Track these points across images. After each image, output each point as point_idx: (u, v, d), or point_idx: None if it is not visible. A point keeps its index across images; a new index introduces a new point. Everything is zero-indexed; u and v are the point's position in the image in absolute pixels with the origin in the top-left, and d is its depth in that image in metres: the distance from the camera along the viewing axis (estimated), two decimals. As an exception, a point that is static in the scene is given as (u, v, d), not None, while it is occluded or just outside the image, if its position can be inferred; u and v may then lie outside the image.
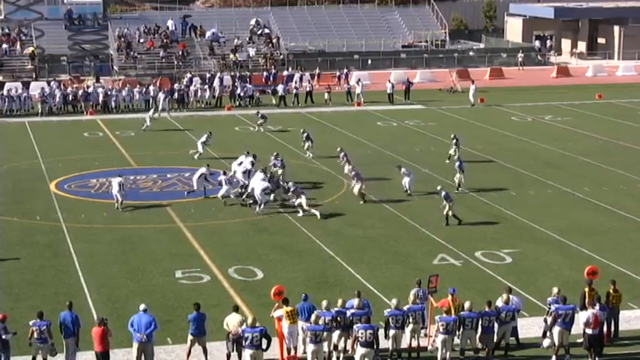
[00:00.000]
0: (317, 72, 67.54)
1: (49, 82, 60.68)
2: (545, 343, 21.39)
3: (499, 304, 21.27)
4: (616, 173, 39.34)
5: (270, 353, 20.56)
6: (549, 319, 21.17)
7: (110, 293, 25.12)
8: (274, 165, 36.83)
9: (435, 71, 72.95)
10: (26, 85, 61.73)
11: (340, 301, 21.23)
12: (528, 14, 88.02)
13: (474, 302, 21.42)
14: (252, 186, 33.87)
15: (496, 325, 21.03)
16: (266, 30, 75.92)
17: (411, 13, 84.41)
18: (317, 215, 32.31)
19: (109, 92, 56.69)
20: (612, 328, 22.17)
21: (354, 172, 35.22)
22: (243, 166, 35.84)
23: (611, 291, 22.06)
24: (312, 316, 20.33)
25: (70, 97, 56.15)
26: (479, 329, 20.94)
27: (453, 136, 41.55)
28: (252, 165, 36.02)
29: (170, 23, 75.23)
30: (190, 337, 20.78)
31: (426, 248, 29.16)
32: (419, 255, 28.51)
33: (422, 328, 21.54)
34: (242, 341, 19.97)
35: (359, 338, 20.06)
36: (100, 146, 45.63)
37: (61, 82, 61.15)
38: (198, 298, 23.31)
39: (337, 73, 66.51)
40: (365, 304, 21.08)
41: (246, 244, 29.70)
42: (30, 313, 21.84)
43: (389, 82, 60.33)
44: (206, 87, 59.32)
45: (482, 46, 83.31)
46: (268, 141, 45.66)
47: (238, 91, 58.87)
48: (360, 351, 20.04)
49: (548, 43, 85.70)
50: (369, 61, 75.01)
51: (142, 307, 20.50)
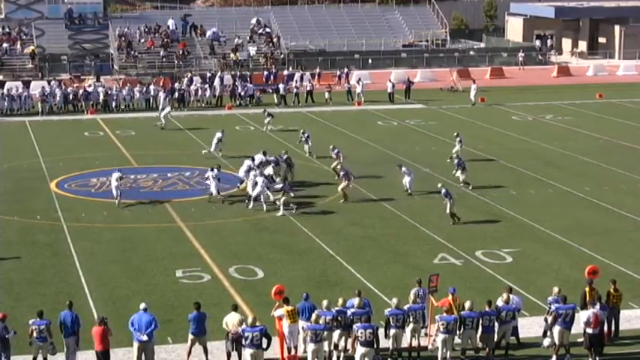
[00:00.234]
0: (317, 71, 67.50)
1: (49, 82, 60.65)
2: (546, 342, 21.39)
3: (499, 303, 21.26)
4: (617, 173, 39.33)
5: (271, 352, 20.57)
6: (550, 319, 21.16)
7: (110, 292, 25.11)
8: (277, 161, 36.83)
9: (436, 71, 72.93)
10: (27, 84, 61.68)
11: (341, 301, 21.22)
12: (529, 14, 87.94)
13: (475, 302, 21.41)
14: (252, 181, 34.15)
15: (496, 324, 21.02)
16: (266, 29, 75.81)
17: (411, 12, 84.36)
18: (292, 211, 32.65)
19: (110, 91, 56.72)
20: (613, 328, 22.17)
21: (343, 172, 35.28)
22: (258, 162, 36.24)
23: (611, 290, 22.06)
24: (313, 316, 20.33)
25: (70, 97, 56.16)
26: (479, 329, 20.94)
27: (456, 134, 41.58)
28: (253, 161, 36.14)
29: (170, 22, 75.14)
30: (191, 337, 20.78)
31: (426, 247, 29.14)
32: (419, 254, 28.50)
33: (422, 327, 21.53)
34: (242, 340, 19.98)
35: (358, 337, 20.07)
36: (100, 145, 45.62)
37: (61, 81, 61.11)
38: (198, 297, 23.29)
39: (338, 73, 66.46)
40: (365, 304, 21.08)
41: (246, 243, 29.70)
42: (30, 312, 21.82)
43: (389, 81, 60.23)
44: (206, 86, 59.31)
45: (482, 45, 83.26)
46: (269, 140, 45.60)
47: (239, 90, 58.86)
48: (360, 350, 20.04)
49: (549, 42, 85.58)
50: (370, 61, 74.94)
51: (142, 306, 20.50)
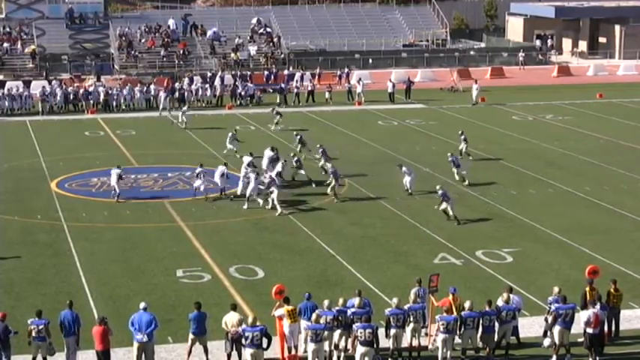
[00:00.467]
0: (318, 71, 67.45)
1: (50, 81, 60.67)
2: (546, 342, 21.38)
3: (500, 303, 21.25)
4: (617, 172, 39.32)
5: (271, 352, 20.56)
6: (550, 319, 21.16)
7: (111, 292, 25.11)
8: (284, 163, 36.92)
9: (436, 70, 72.94)
10: (27, 84, 61.72)
11: (341, 300, 21.22)
12: (529, 13, 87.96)
13: (475, 301, 21.40)
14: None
15: (497, 324, 21.02)
16: (267, 29, 75.85)
17: (412, 12, 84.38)
18: (278, 212, 32.61)
19: (110, 91, 56.73)
20: (613, 328, 22.17)
21: (332, 170, 35.28)
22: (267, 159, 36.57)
23: (612, 290, 22.05)
24: (313, 315, 20.34)
25: (71, 96, 56.19)
26: (480, 329, 20.94)
27: (461, 132, 41.61)
28: (253, 157, 36.26)
29: (171, 22, 75.17)
30: (191, 336, 20.78)
31: (426, 247, 29.14)
32: (420, 254, 28.50)
33: (422, 327, 21.54)
34: (241, 340, 19.98)
35: (358, 337, 20.07)
36: (101, 145, 45.63)
37: (61, 81, 61.13)
38: (199, 297, 23.30)
39: (338, 73, 66.49)
40: (366, 303, 21.07)
41: (246, 243, 29.70)
42: (31, 312, 21.77)
43: (390, 81, 60.24)
44: (207, 86, 59.34)
45: (483, 45, 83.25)
46: (269, 140, 45.56)
47: (239, 90, 58.90)
48: (360, 350, 20.05)
49: (549, 42, 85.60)
50: (370, 61, 74.96)
51: (142, 305, 20.49)
